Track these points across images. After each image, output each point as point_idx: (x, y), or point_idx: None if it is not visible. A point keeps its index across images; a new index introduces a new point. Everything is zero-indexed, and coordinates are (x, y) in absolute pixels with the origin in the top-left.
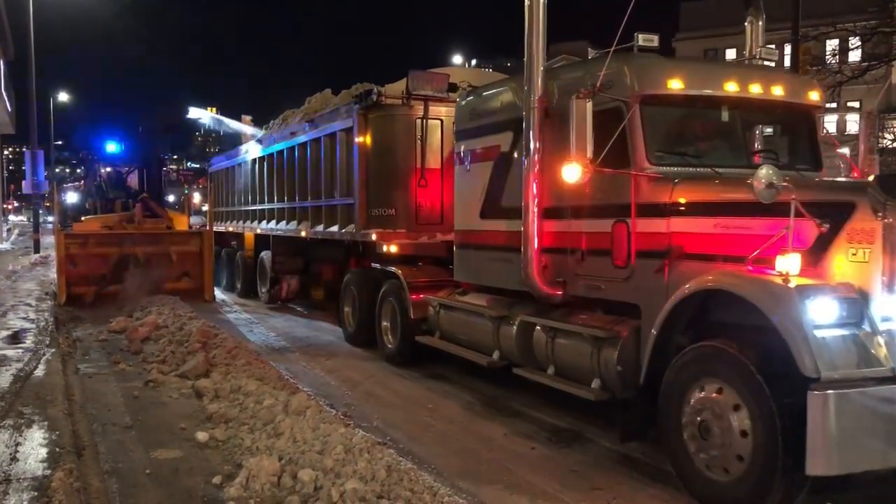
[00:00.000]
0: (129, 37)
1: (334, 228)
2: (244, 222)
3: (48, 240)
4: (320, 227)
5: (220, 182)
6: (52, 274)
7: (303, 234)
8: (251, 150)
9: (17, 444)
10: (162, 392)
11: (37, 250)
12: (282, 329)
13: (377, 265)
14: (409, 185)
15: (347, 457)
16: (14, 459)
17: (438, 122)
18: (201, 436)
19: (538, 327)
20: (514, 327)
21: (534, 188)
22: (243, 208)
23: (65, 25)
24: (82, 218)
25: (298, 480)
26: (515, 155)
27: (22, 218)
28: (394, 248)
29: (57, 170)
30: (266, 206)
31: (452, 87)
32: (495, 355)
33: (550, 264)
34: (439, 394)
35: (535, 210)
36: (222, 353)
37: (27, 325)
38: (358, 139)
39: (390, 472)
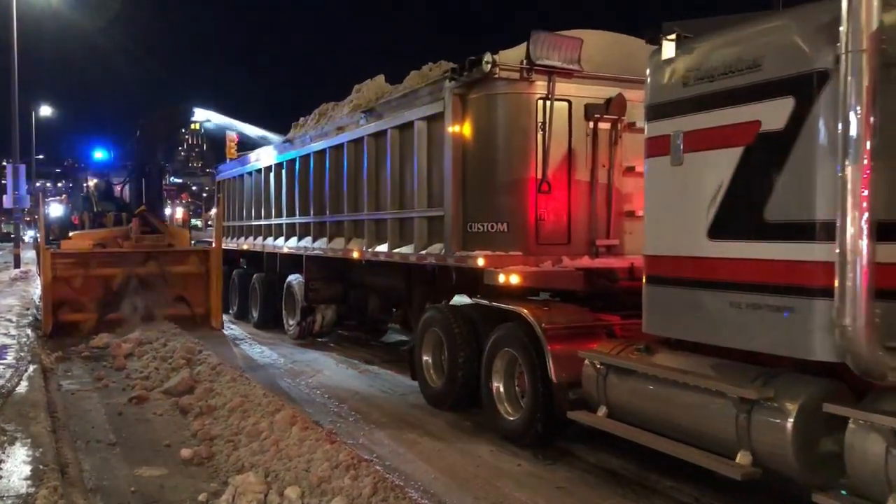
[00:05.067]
0: (123, 38)
1: (406, 249)
2: (264, 239)
3: (29, 254)
4: (383, 247)
5: (230, 192)
6: (32, 289)
7: (354, 254)
8: (274, 154)
9: (0, 462)
10: (146, 409)
11: (17, 265)
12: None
13: (483, 300)
14: (526, 190)
15: (333, 473)
16: None
17: (566, 103)
18: (186, 453)
19: (857, 426)
20: (790, 419)
21: (860, 190)
22: (263, 222)
23: (50, 29)
24: (70, 234)
25: (285, 498)
26: (802, 135)
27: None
28: (514, 279)
29: (38, 183)
30: (297, 220)
31: (653, 37)
32: (742, 458)
33: (883, 318)
34: (425, 410)
35: (864, 226)
36: (206, 370)
37: (8, 340)
38: (451, 128)
39: (376, 489)
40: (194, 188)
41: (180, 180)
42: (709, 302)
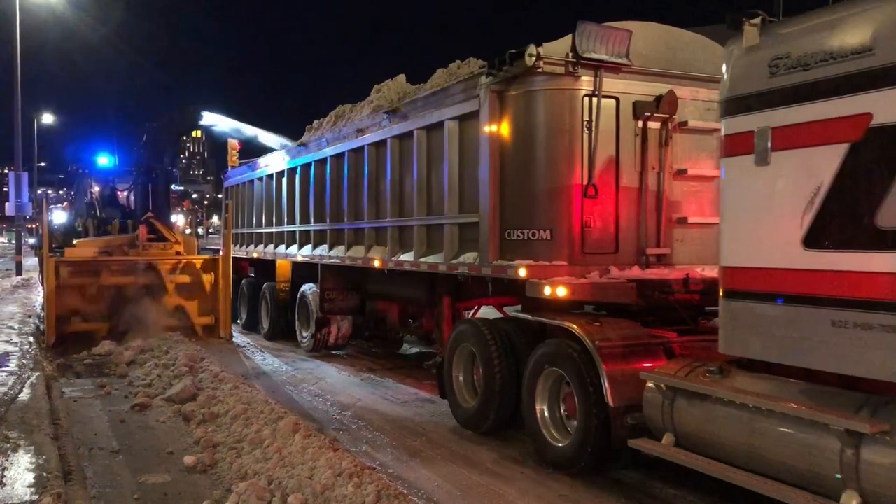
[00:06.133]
0: (128, 44)
1: (435, 258)
2: (275, 247)
3: (31, 262)
4: (408, 256)
5: (239, 199)
6: (34, 296)
7: (376, 263)
8: (287, 158)
9: (4, 469)
10: (149, 416)
11: (19, 273)
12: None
13: (524, 314)
14: (571, 195)
15: (337, 481)
16: (1, 484)
17: (613, 100)
18: (189, 460)
19: None
20: None
21: None
22: (275, 230)
23: (53, 36)
24: (75, 241)
25: None
26: None
27: (2, 240)
28: (562, 291)
29: (39, 191)
30: (312, 227)
31: (735, 23)
32: (849, 500)
33: None
34: (426, 417)
35: None
36: (209, 377)
37: (10, 348)
38: (487, 128)
39: (380, 496)
40: (195, 196)
41: (182, 188)
42: (805, 320)
